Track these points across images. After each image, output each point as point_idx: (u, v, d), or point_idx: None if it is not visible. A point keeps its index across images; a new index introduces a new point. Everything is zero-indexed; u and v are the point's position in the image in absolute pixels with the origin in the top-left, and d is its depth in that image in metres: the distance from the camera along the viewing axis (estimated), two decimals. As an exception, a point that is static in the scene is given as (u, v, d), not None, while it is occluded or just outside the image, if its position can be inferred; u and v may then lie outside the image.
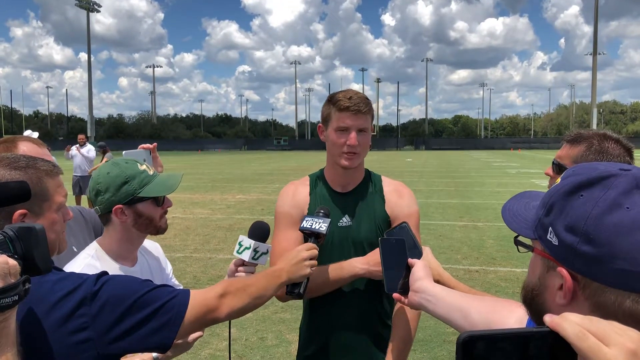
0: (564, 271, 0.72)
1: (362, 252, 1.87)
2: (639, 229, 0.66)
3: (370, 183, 1.99)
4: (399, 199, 1.97)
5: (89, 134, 45.95)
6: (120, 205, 1.58)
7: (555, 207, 0.75)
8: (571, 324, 0.58)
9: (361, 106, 1.82)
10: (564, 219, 0.73)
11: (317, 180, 2.01)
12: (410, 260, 1.29)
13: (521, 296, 0.84)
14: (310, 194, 1.97)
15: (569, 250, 0.71)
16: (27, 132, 11.09)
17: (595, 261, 0.68)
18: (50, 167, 1.31)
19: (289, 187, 2.02)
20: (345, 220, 1.92)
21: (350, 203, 1.93)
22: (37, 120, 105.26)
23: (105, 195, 1.58)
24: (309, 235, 1.68)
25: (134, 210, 1.60)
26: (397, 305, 1.89)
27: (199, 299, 1.28)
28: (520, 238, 0.86)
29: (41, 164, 1.30)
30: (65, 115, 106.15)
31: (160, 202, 1.65)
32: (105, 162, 1.76)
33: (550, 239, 0.75)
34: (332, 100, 1.88)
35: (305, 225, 1.68)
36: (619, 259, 0.66)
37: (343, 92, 1.89)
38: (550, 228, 0.75)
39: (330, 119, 1.88)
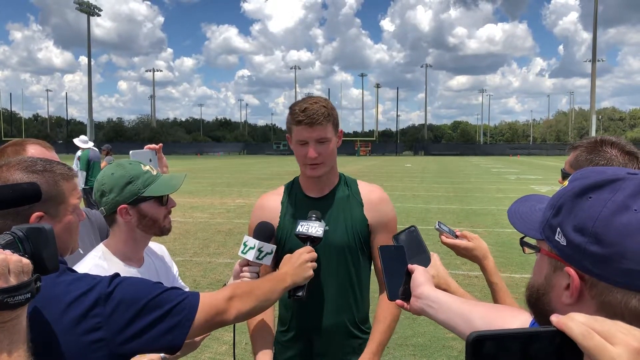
0: (571, 270, 0.74)
1: (343, 257, 1.87)
2: None
3: (345, 187, 1.96)
4: (379, 203, 1.94)
5: (88, 137, 45.90)
6: (124, 205, 1.60)
7: (564, 208, 0.77)
8: (577, 324, 0.60)
9: (316, 117, 1.73)
10: (573, 220, 0.75)
11: (292, 187, 1.99)
12: (410, 266, 1.29)
13: (525, 297, 0.85)
14: (282, 202, 1.96)
15: (577, 250, 0.73)
16: (83, 137, 11.82)
17: (603, 261, 0.70)
18: (65, 170, 1.34)
19: (259, 201, 2.02)
20: None
21: (326, 208, 1.89)
22: (36, 124, 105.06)
23: (109, 196, 1.60)
24: (304, 239, 1.69)
25: (138, 210, 1.62)
26: (379, 302, 1.91)
27: (208, 302, 1.30)
28: (526, 239, 0.87)
29: (57, 167, 1.32)
30: (65, 118, 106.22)
31: (164, 202, 1.67)
32: (105, 165, 1.78)
33: (558, 239, 0.77)
34: (290, 112, 1.82)
35: (301, 230, 1.69)
36: (627, 259, 0.68)
37: (300, 102, 1.82)
38: (558, 229, 0.77)
39: (290, 131, 1.83)
